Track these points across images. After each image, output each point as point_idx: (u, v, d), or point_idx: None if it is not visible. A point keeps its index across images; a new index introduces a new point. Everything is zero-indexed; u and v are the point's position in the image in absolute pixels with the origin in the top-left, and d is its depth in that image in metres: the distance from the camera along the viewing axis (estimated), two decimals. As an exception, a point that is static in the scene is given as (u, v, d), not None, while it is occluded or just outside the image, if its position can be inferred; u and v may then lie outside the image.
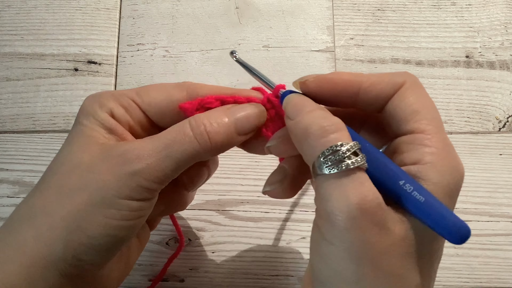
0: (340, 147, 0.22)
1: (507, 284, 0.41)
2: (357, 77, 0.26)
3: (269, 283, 0.41)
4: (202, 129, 0.27)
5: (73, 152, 0.27)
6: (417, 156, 0.23)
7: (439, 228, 0.22)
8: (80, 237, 0.25)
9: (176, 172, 0.27)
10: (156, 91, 0.29)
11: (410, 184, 0.22)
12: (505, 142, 0.44)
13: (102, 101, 0.28)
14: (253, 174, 0.43)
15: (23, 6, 0.48)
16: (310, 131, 0.23)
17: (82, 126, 0.28)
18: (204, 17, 0.48)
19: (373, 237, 0.21)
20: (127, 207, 0.25)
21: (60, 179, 0.26)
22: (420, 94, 0.25)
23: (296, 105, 0.25)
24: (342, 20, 0.48)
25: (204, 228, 0.42)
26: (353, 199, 0.21)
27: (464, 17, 0.48)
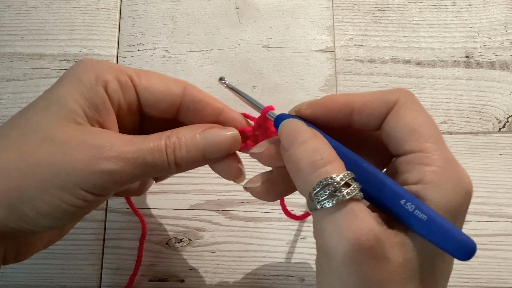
0: (331, 180, 0.21)
1: (507, 284, 0.41)
2: (349, 98, 0.26)
3: (269, 283, 0.41)
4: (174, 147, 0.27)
5: (49, 122, 0.25)
6: (418, 176, 0.23)
7: (443, 245, 0.21)
8: (28, 209, 0.25)
9: (139, 179, 0.27)
10: (156, 79, 0.29)
11: (411, 203, 0.22)
12: (505, 142, 0.44)
13: (99, 71, 0.27)
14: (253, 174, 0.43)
15: (23, 6, 0.48)
16: (300, 166, 0.23)
17: (66, 94, 0.26)
18: (204, 17, 0.48)
19: (370, 271, 0.21)
20: (83, 198, 0.25)
21: (26, 145, 0.25)
22: (416, 110, 0.25)
23: (289, 135, 0.25)
24: (342, 20, 0.48)
25: (204, 228, 0.42)
26: (347, 235, 0.21)
27: (464, 17, 0.48)
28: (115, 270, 0.41)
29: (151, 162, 0.26)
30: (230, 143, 0.29)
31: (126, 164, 0.25)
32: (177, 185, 0.43)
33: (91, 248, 0.41)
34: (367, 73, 0.46)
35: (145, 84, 0.28)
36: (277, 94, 0.46)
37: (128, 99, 0.28)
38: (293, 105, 0.45)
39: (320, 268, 0.23)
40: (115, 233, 0.42)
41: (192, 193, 0.43)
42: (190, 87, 0.30)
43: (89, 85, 0.26)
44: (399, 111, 0.24)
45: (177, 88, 0.29)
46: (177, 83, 0.29)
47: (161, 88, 0.29)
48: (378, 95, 0.25)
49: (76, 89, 0.26)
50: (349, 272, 0.21)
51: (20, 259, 0.30)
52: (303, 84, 0.46)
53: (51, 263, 0.41)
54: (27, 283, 0.41)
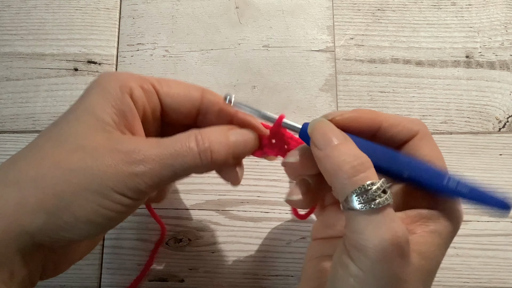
0: (371, 185, 0.24)
1: (507, 284, 0.41)
2: (378, 116, 0.29)
3: (269, 283, 0.41)
4: (207, 147, 0.28)
5: (80, 132, 0.26)
6: (431, 202, 0.27)
7: (488, 204, 0.26)
8: (67, 216, 0.25)
9: (172, 180, 0.28)
10: (176, 84, 0.31)
11: (452, 181, 0.27)
12: (505, 142, 0.44)
13: (123, 80, 0.28)
14: (253, 174, 0.43)
15: (23, 6, 0.48)
16: (342, 169, 0.25)
17: (95, 104, 0.27)
18: (204, 17, 0.48)
19: (399, 269, 0.24)
20: (119, 201, 0.26)
21: (59, 155, 0.26)
22: (432, 145, 0.29)
23: (323, 135, 0.26)
24: (342, 20, 0.48)
25: (204, 228, 0.42)
26: (386, 235, 0.23)
27: (464, 17, 0.48)
28: (115, 270, 0.41)
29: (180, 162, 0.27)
30: (255, 143, 0.30)
31: (154, 165, 0.26)
32: (177, 185, 0.43)
33: (91, 248, 0.41)
34: (367, 73, 0.46)
35: (166, 89, 0.30)
36: (277, 94, 0.46)
37: (152, 105, 0.30)
38: (293, 105, 0.45)
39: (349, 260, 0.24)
40: (115, 233, 0.42)
41: (192, 193, 0.43)
42: (206, 90, 0.31)
43: (115, 94, 0.28)
44: (420, 142, 0.28)
45: (196, 92, 0.31)
46: (195, 88, 0.31)
47: (182, 93, 0.30)
48: (403, 120, 0.29)
49: (103, 99, 0.27)
50: (381, 268, 0.23)
51: (58, 272, 0.30)
52: (303, 84, 0.46)
53: (51, 263, 0.41)
54: (27, 283, 0.41)
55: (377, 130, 0.29)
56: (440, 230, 0.26)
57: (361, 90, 0.46)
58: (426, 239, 0.26)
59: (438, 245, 0.27)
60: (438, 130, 0.45)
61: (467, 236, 0.42)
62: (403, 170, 0.27)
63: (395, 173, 0.27)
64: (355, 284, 0.24)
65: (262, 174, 0.43)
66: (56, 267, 0.30)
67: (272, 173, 0.43)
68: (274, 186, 0.43)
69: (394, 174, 0.27)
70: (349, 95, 0.46)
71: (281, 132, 0.30)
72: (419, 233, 0.26)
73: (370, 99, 0.46)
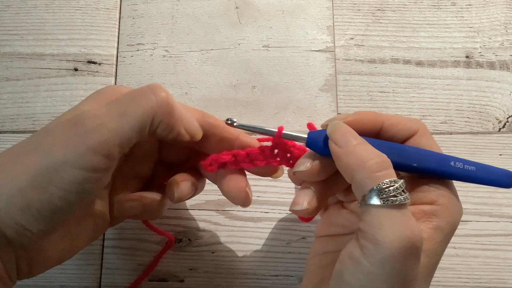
0: (394, 183, 0.25)
1: (507, 284, 0.41)
2: (380, 117, 0.30)
3: (269, 283, 0.41)
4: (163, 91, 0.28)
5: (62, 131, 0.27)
6: (433, 197, 0.28)
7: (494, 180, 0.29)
8: (20, 201, 0.25)
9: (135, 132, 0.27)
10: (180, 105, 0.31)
11: (459, 162, 0.28)
12: (505, 142, 0.44)
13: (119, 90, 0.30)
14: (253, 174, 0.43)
15: (23, 6, 0.48)
16: (366, 164, 0.25)
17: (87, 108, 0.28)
18: (204, 17, 0.48)
19: (410, 267, 0.24)
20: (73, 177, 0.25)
21: (21, 143, 0.27)
22: (432, 141, 0.30)
23: (345, 134, 0.27)
24: (342, 20, 0.48)
25: (204, 228, 0.42)
26: (404, 233, 0.24)
27: (464, 17, 0.48)
28: (115, 270, 0.41)
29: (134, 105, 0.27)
30: None
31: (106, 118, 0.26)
32: (177, 185, 0.43)
33: (91, 248, 0.41)
34: (367, 73, 0.46)
35: None
36: (277, 94, 0.46)
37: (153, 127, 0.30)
38: (293, 105, 0.45)
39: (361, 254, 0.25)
40: (115, 233, 0.42)
41: (192, 193, 0.43)
42: (206, 114, 0.33)
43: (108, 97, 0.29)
44: (420, 139, 0.30)
45: (196, 115, 0.32)
46: (196, 111, 0.32)
47: None
48: (402, 119, 0.30)
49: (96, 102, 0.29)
50: (395, 264, 0.24)
51: (33, 273, 0.30)
52: (303, 84, 0.46)
53: (51, 263, 0.41)
54: (27, 283, 0.41)
55: (379, 130, 0.30)
56: (442, 226, 0.27)
57: (361, 90, 0.46)
58: (429, 236, 0.26)
59: (440, 242, 0.27)
60: (438, 130, 0.45)
61: (467, 236, 0.42)
62: (412, 161, 0.28)
63: (405, 165, 0.28)
64: (364, 279, 0.24)
65: (262, 174, 0.43)
66: (30, 268, 0.29)
67: (272, 173, 0.43)
68: (274, 186, 0.43)
69: (403, 166, 0.29)
70: (349, 95, 0.46)
71: (282, 142, 0.32)
72: (423, 230, 0.27)
73: (370, 99, 0.46)
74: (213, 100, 0.46)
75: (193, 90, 0.46)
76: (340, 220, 0.34)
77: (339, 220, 0.34)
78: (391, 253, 0.23)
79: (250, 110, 0.45)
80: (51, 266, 0.31)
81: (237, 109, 0.45)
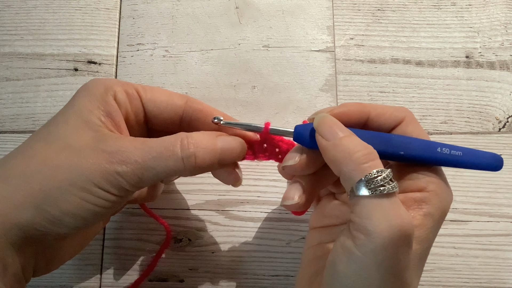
0: (381, 173, 0.25)
1: (507, 284, 0.41)
2: (366, 107, 0.30)
3: (269, 283, 0.41)
4: (192, 152, 0.29)
5: (68, 132, 0.28)
6: (422, 184, 0.28)
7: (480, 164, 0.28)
8: (54, 210, 0.26)
9: (154, 181, 0.29)
10: (159, 91, 0.32)
11: (445, 148, 0.28)
12: (505, 142, 0.44)
13: (108, 84, 0.30)
14: (253, 174, 0.43)
15: (23, 6, 0.48)
16: (353, 156, 0.26)
17: (82, 106, 0.29)
18: (204, 17, 0.48)
19: (402, 255, 0.24)
20: (103, 197, 0.27)
21: (48, 152, 0.27)
22: (419, 128, 0.30)
23: (332, 127, 0.28)
24: (342, 20, 0.48)
25: (204, 228, 0.42)
26: (394, 221, 0.24)
27: (464, 17, 0.48)
28: (115, 270, 0.41)
29: (163, 165, 0.28)
30: (242, 150, 0.31)
31: (136, 167, 0.27)
32: (177, 185, 0.43)
33: (91, 248, 0.41)
34: (367, 73, 0.46)
35: (150, 96, 0.32)
36: (277, 94, 0.46)
37: (135, 108, 0.31)
38: (293, 105, 0.45)
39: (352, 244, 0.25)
40: (115, 233, 0.42)
41: (192, 193, 0.43)
42: (191, 99, 0.33)
43: (100, 96, 0.30)
44: (407, 127, 0.30)
45: (179, 100, 0.32)
46: (179, 96, 0.33)
47: (164, 99, 0.32)
48: (389, 109, 0.30)
49: (89, 101, 0.29)
50: (387, 253, 0.24)
51: (50, 269, 0.32)
52: (303, 84, 0.46)
53: (51, 263, 0.41)
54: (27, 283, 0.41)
55: (366, 121, 0.30)
56: (433, 212, 0.27)
57: (361, 90, 0.46)
58: (420, 222, 0.27)
59: (431, 228, 0.27)
60: (438, 130, 0.45)
61: (467, 236, 0.42)
62: (399, 149, 0.29)
63: (392, 153, 0.29)
64: (357, 268, 0.25)
65: (262, 174, 0.43)
66: (47, 264, 0.31)
67: (272, 173, 0.43)
68: (274, 186, 0.43)
69: (391, 154, 0.29)
70: (349, 95, 0.46)
71: (270, 137, 0.32)
72: (414, 217, 0.27)
73: (370, 99, 0.46)
74: (213, 100, 0.46)
75: (193, 90, 0.46)
76: (332, 211, 0.35)
77: (332, 211, 0.35)
78: (383, 242, 0.24)
79: (250, 110, 0.45)
80: (65, 261, 0.33)
81: (237, 109, 0.45)
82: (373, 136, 0.29)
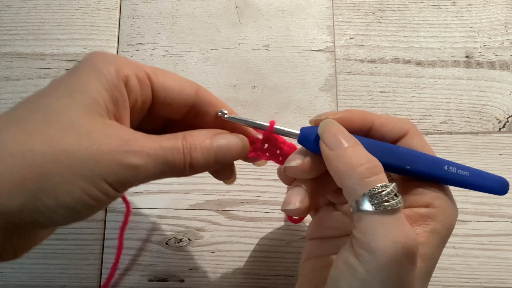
0: (385, 188, 0.24)
1: (507, 284, 0.41)
2: (370, 116, 0.29)
3: (269, 283, 0.41)
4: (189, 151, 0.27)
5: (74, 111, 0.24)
6: (428, 200, 0.27)
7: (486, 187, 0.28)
8: (49, 199, 0.23)
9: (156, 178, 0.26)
10: (172, 78, 0.29)
11: (452, 166, 0.28)
12: (505, 142, 0.44)
13: (119, 65, 0.27)
14: (253, 174, 0.43)
15: (22, 6, 0.48)
16: (356, 170, 0.24)
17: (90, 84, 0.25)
18: (204, 17, 0.48)
19: (407, 274, 0.24)
20: (105, 191, 0.24)
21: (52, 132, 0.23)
22: (423, 142, 0.29)
23: (336, 135, 0.26)
24: (342, 20, 0.48)
25: (204, 228, 0.42)
26: (398, 239, 0.23)
27: (464, 17, 0.48)
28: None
29: (171, 161, 0.26)
30: (240, 150, 0.30)
31: (150, 160, 0.25)
32: (177, 185, 0.43)
33: (91, 248, 0.41)
34: (367, 73, 0.46)
35: (161, 82, 0.28)
36: (277, 94, 0.46)
37: (144, 97, 0.28)
38: (293, 105, 0.45)
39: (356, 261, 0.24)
40: (115, 233, 0.42)
41: (192, 193, 0.43)
42: (201, 89, 0.30)
43: (110, 78, 0.26)
44: (412, 140, 0.29)
45: (191, 89, 0.29)
46: (190, 84, 0.30)
47: (176, 88, 0.29)
48: (393, 119, 0.29)
49: (98, 80, 0.25)
50: (390, 272, 0.23)
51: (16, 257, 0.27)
52: (303, 84, 0.46)
53: (51, 263, 0.41)
54: (27, 283, 0.41)
55: (369, 129, 0.29)
56: (439, 229, 0.26)
57: (361, 90, 0.46)
58: (425, 239, 0.26)
59: (437, 246, 0.26)
60: (438, 130, 0.45)
61: (467, 236, 0.42)
62: (405, 162, 0.27)
63: (397, 166, 0.28)
64: (360, 286, 0.24)
65: (262, 174, 0.43)
66: (15, 252, 0.27)
67: (272, 173, 0.43)
68: (274, 186, 0.43)
69: (395, 167, 0.28)
70: (349, 95, 0.46)
71: (273, 138, 0.31)
72: (419, 234, 0.26)
73: (370, 99, 0.46)
74: (213, 100, 0.46)
75: (193, 90, 0.46)
76: (332, 222, 0.34)
77: (331, 222, 0.34)
78: (387, 260, 0.23)
79: (250, 110, 0.45)
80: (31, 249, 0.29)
81: (237, 109, 0.45)
82: (379, 146, 0.28)
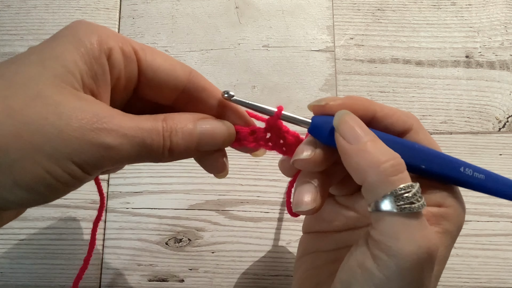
0: (411, 188, 0.22)
1: (507, 284, 0.41)
2: (372, 104, 0.27)
3: (269, 283, 0.41)
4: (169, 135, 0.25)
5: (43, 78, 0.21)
6: (439, 199, 0.26)
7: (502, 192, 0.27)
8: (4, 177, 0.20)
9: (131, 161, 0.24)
10: (162, 58, 0.26)
11: (469, 168, 0.26)
12: (505, 142, 0.44)
13: (102, 35, 0.24)
14: (253, 174, 0.43)
15: (22, 6, 0.48)
16: (380, 167, 0.22)
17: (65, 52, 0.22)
18: (204, 17, 0.48)
19: (427, 278, 0.23)
20: (71, 172, 0.21)
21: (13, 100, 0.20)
22: (430, 138, 0.27)
23: (353, 128, 0.24)
24: (342, 20, 0.48)
25: (204, 228, 0.42)
26: (423, 243, 0.22)
27: (464, 17, 0.48)
28: (115, 270, 0.41)
29: (149, 144, 0.24)
30: (225, 138, 0.27)
31: (125, 141, 0.22)
32: (177, 185, 0.43)
33: (91, 248, 0.41)
34: (367, 73, 0.46)
35: (150, 61, 0.25)
36: (277, 94, 0.46)
37: (128, 74, 0.25)
38: (293, 105, 0.45)
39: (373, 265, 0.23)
40: (115, 233, 0.42)
41: (191, 193, 0.43)
42: (194, 72, 0.27)
43: (91, 49, 0.23)
44: (417, 135, 0.27)
45: (183, 72, 0.27)
46: (183, 67, 0.27)
47: (166, 69, 0.26)
48: (397, 112, 0.27)
49: (76, 50, 0.22)
50: (413, 277, 0.22)
51: None
52: (303, 84, 0.46)
53: (51, 263, 0.41)
54: (27, 283, 0.41)
55: (371, 119, 0.27)
56: (451, 229, 0.25)
57: (361, 90, 0.46)
58: (439, 240, 0.25)
59: (448, 246, 0.26)
60: (438, 130, 0.45)
61: (467, 236, 0.42)
62: (420, 161, 0.26)
63: (412, 164, 0.26)
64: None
65: (262, 174, 0.43)
66: None
67: (272, 173, 0.43)
68: (274, 186, 0.43)
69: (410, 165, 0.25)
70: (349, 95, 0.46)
71: (278, 125, 0.28)
72: None
73: (370, 98, 0.45)
74: (213, 100, 0.45)
75: (193, 90, 0.46)
76: (331, 216, 0.31)
77: (331, 215, 0.31)
78: (410, 265, 0.22)
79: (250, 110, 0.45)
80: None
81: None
82: (395, 142, 0.25)
